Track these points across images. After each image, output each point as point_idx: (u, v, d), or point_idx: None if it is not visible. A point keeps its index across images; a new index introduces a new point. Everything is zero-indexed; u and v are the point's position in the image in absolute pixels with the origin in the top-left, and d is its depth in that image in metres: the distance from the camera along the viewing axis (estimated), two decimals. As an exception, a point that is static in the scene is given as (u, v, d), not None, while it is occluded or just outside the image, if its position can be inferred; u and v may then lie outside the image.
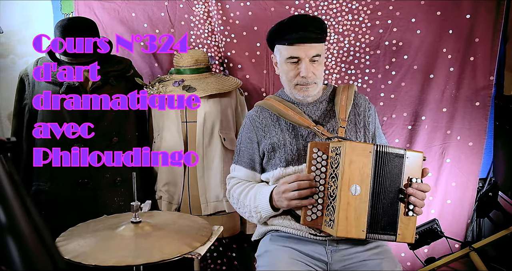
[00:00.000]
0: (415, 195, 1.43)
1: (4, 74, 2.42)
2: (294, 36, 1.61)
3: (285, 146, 1.65)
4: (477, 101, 2.37)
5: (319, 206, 1.48)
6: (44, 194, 2.03)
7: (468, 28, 2.32)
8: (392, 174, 1.44)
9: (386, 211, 1.43)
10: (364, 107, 1.75)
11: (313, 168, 1.50)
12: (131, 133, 2.16)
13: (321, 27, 1.66)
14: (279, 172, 1.64)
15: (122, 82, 2.13)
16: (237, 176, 1.79)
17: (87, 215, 1.61)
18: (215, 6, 2.36)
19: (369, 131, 1.74)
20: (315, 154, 1.50)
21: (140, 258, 1.18)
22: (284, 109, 1.70)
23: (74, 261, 1.16)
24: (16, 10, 2.41)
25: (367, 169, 1.40)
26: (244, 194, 1.69)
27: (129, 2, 2.38)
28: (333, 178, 1.44)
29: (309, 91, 1.67)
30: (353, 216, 1.38)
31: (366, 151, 1.40)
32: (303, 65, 1.62)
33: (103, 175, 2.04)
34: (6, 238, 0.38)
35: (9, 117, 2.35)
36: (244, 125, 1.80)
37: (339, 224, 1.37)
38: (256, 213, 1.63)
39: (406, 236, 1.44)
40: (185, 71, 2.20)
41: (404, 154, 1.45)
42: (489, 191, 2.34)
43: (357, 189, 1.39)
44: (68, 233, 1.40)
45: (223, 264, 2.51)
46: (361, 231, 1.39)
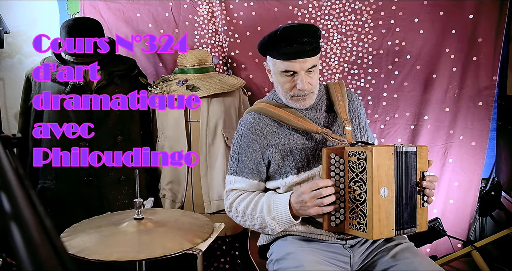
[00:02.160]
0: (429, 187, 1.50)
1: (11, 74, 2.46)
2: (288, 50, 1.52)
3: (292, 152, 1.60)
4: (480, 101, 2.38)
5: (342, 210, 1.49)
6: (49, 192, 2.06)
7: (471, 28, 2.33)
8: (409, 171, 1.49)
9: (407, 206, 1.48)
10: (356, 104, 1.75)
11: (332, 173, 1.49)
12: (135, 133, 2.19)
13: (316, 35, 1.57)
14: (292, 180, 1.59)
15: (126, 81, 2.16)
16: (239, 187, 1.66)
17: (91, 213, 1.64)
18: (219, 6, 2.39)
19: (363, 127, 1.74)
20: (332, 160, 1.49)
21: (142, 254, 1.21)
22: (285, 115, 1.63)
23: (77, 256, 1.19)
24: (22, 11, 2.44)
25: (391, 170, 1.44)
26: (252, 206, 1.59)
27: (134, 3, 2.41)
28: (356, 182, 1.45)
29: (306, 101, 1.62)
30: (384, 218, 1.42)
31: (389, 153, 1.44)
32: (299, 78, 1.55)
33: (107, 173, 2.07)
34: (10, 225, 0.40)
35: (16, 116, 2.38)
36: (241, 134, 1.68)
37: (374, 228, 1.39)
38: (273, 225, 1.53)
39: (422, 225, 1.52)
40: (189, 71, 2.23)
41: (415, 150, 1.50)
42: (492, 190, 2.34)
43: (385, 191, 1.42)
44: (72, 229, 1.43)
45: (226, 262, 2.52)
46: (391, 230, 1.43)
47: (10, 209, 0.43)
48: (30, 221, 0.41)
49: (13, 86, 2.43)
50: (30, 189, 0.51)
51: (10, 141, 0.76)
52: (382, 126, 2.45)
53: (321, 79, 2.45)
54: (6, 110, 2.49)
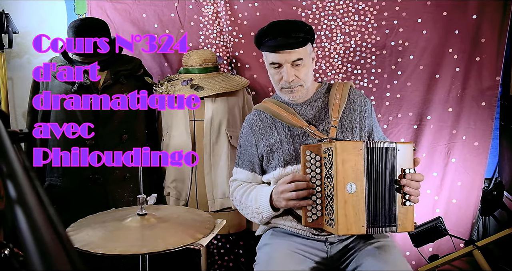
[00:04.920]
0: (409, 185, 1.47)
1: (19, 73, 2.50)
2: (272, 43, 1.63)
3: (282, 146, 1.69)
4: (483, 101, 2.38)
5: (318, 206, 1.51)
6: (56, 189, 2.10)
7: (474, 28, 2.33)
8: (385, 167, 1.48)
9: (383, 204, 1.46)
10: (360, 103, 1.77)
11: (308, 170, 1.53)
12: (140, 131, 2.22)
13: (303, 30, 1.65)
14: (279, 172, 1.67)
15: (132, 81, 2.19)
16: (239, 178, 1.82)
17: (97, 210, 1.67)
18: (223, 7, 2.42)
19: (365, 126, 1.75)
20: (308, 157, 1.54)
21: (145, 248, 1.24)
22: (278, 110, 1.73)
23: (82, 250, 1.22)
24: (31, 11, 2.49)
25: (360, 166, 1.44)
26: (245, 195, 1.72)
27: (140, 3, 2.45)
28: (328, 178, 1.48)
29: (294, 94, 1.69)
30: (352, 213, 1.41)
31: (357, 149, 1.44)
32: (284, 70, 1.65)
33: (112, 171, 2.10)
34: (15, 209, 0.43)
35: (24, 115, 2.43)
36: (243, 129, 1.84)
37: (339, 223, 1.40)
38: (257, 214, 1.66)
39: (406, 225, 1.48)
40: (194, 71, 2.26)
41: (395, 146, 1.49)
42: (494, 190, 2.34)
43: (352, 186, 1.42)
44: (78, 224, 1.46)
45: (230, 260, 2.55)
46: (361, 227, 1.42)
47: (15, 195, 0.46)
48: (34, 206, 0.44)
49: (22, 85, 2.48)
50: (35, 179, 0.54)
51: (18, 135, 0.80)
52: (385, 126, 2.46)
53: (324, 79, 2.47)
54: (15, 109, 2.54)
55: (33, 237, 0.37)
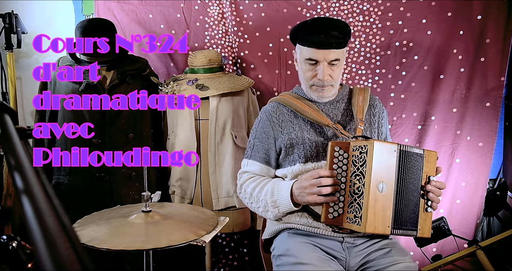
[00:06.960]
0: (434, 191, 1.50)
1: (28, 73, 2.54)
2: (315, 39, 1.61)
3: (303, 142, 1.66)
4: (487, 101, 2.38)
5: (341, 204, 1.50)
6: (63, 187, 2.13)
7: (479, 29, 2.33)
8: (413, 172, 1.49)
9: (408, 207, 1.48)
10: (379, 109, 1.79)
11: (335, 166, 1.52)
12: (146, 130, 2.25)
13: (344, 31, 1.65)
14: (298, 168, 1.65)
15: (138, 81, 2.22)
16: (251, 170, 1.76)
17: (103, 207, 1.70)
18: (229, 7, 2.44)
19: (382, 133, 1.77)
20: (336, 153, 1.52)
21: (149, 244, 1.26)
22: (302, 106, 1.70)
23: (87, 245, 1.25)
24: (39, 11, 2.53)
25: (392, 167, 1.45)
26: (259, 188, 1.67)
27: (147, 4, 2.48)
28: (357, 175, 1.47)
29: (324, 92, 1.69)
30: (380, 213, 1.42)
31: (392, 150, 1.45)
32: (320, 68, 1.63)
33: (118, 169, 2.13)
34: (22, 198, 0.46)
35: (32, 114, 2.46)
36: (259, 120, 1.79)
37: (367, 220, 1.40)
38: (274, 208, 1.61)
39: (425, 231, 1.51)
40: (199, 71, 2.28)
41: (423, 153, 1.51)
42: (497, 190, 2.34)
43: (384, 186, 1.43)
44: (83, 220, 1.49)
45: (235, 259, 2.57)
46: (387, 227, 1.43)
47: (22, 186, 0.48)
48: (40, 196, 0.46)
49: (30, 85, 2.51)
50: (40, 173, 0.57)
51: (25, 131, 0.83)
52: (390, 127, 2.46)
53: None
54: (23, 108, 2.58)
55: (38, 224, 0.39)
